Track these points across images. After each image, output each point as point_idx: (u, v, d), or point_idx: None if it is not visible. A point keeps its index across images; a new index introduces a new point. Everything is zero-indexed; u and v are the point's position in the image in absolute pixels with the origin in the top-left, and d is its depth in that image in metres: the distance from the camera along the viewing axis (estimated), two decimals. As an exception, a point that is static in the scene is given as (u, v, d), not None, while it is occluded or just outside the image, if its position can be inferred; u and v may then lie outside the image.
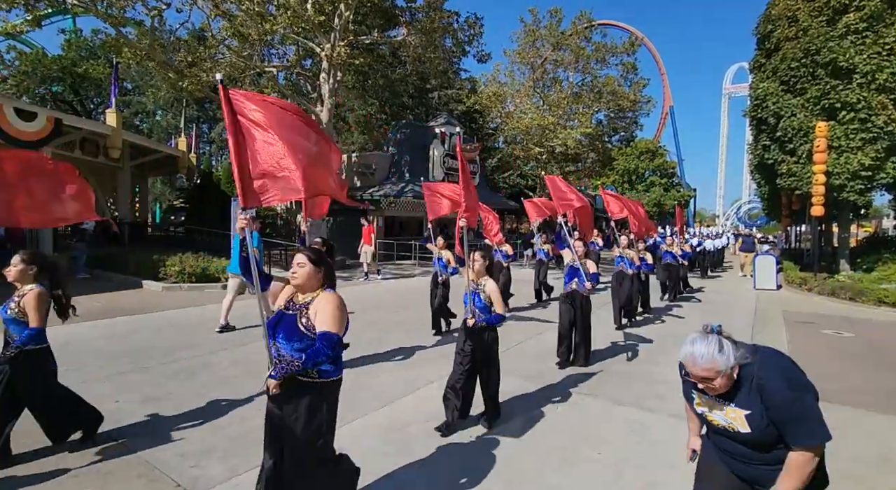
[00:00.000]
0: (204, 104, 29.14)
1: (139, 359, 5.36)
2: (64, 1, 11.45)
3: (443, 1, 16.35)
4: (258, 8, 12.31)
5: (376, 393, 4.55)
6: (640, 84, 25.53)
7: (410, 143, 21.11)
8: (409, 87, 22.84)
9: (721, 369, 1.66)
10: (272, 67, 15.92)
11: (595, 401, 4.51)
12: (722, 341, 1.70)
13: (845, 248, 15.05)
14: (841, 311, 10.01)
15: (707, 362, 1.67)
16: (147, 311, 8.12)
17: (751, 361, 1.72)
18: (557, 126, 22.72)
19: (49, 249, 12.73)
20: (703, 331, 1.77)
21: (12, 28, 12.42)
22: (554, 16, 22.99)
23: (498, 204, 26.26)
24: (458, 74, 27.37)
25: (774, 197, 18.77)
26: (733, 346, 1.70)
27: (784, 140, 13.18)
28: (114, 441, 3.46)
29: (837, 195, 12.55)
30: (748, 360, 1.71)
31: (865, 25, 11.93)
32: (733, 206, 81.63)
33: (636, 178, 47.26)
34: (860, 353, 6.56)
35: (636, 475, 3.19)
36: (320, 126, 14.93)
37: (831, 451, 3.57)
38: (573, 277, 5.58)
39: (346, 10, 13.58)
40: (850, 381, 5.34)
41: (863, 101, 11.82)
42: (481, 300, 3.81)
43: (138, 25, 12.98)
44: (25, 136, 11.05)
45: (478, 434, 3.73)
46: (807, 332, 7.89)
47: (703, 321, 1.92)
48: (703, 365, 1.68)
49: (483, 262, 3.87)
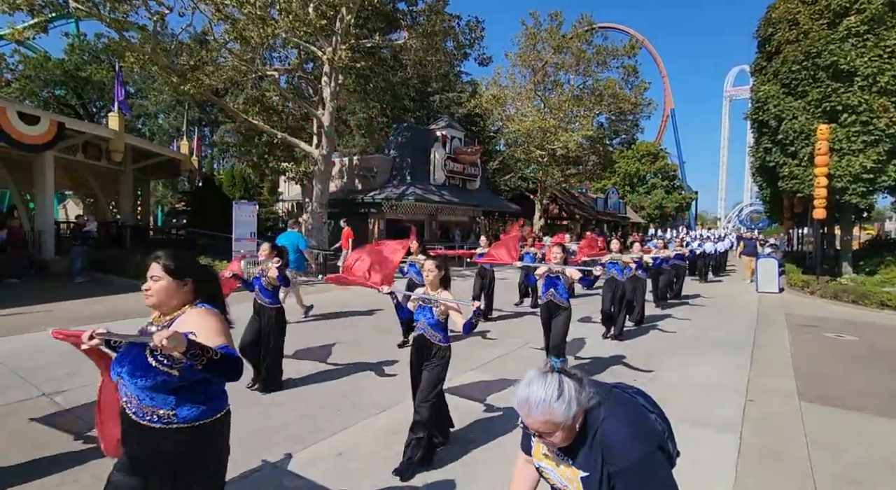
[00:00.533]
0: (206, 107, 29.22)
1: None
2: (67, 5, 11.51)
3: (444, 4, 16.39)
4: (260, 12, 12.35)
5: (375, 397, 4.55)
6: (641, 87, 25.58)
7: (412, 145, 21.15)
8: (411, 91, 22.90)
9: (559, 421, 1.31)
10: (274, 71, 15.97)
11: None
12: (563, 383, 1.33)
13: (848, 250, 15.01)
14: (844, 314, 9.97)
15: (543, 412, 1.31)
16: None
17: (598, 404, 1.37)
18: (558, 129, 22.76)
19: (51, 252, 12.78)
20: (542, 369, 1.38)
21: (20, 34, 12.49)
22: (554, 19, 23.06)
23: (499, 206, 26.30)
24: (460, 77, 27.43)
25: (776, 200, 18.75)
26: (577, 386, 1.34)
27: (785, 143, 13.18)
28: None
29: (839, 198, 12.53)
30: (594, 403, 1.36)
31: (866, 28, 11.93)
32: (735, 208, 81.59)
33: (637, 181, 47.35)
34: (863, 357, 6.53)
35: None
36: (322, 129, 14.99)
37: (834, 454, 3.57)
38: (549, 287, 5.19)
39: (348, 14, 13.63)
40: (853, 384, 5.31)
41: (864, 103, 11.81)
42: (434, 316, 3.38)
43: (141, 29, 13.04)
44: (29, 139, 11.11)
45: (478, 440, 3.72)
46: (809, 335, 7.86)
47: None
48: (537, 415, 1.31)
49: (437, 273, 3.42)
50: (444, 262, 3.53)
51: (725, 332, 7.88)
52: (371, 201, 18.94)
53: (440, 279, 3.44)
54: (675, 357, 6.24)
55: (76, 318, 7.42)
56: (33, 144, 11.31)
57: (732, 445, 3.69)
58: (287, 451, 3.43)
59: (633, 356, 6.22)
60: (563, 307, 5.11)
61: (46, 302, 8.78)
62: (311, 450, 3.48)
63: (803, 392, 4.96)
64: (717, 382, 5.22)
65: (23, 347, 5.87)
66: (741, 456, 3.52)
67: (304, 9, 12.71)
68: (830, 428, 4.09)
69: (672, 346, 6.82)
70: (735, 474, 3.25)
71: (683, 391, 4.90)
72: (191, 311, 1.80)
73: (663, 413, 1.57)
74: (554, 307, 5.14)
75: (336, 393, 4.65)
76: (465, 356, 6.06)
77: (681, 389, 4.96)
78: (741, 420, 4.18)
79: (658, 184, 46.77)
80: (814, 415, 4.35)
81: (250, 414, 4.03)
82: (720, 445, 3.69)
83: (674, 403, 4.53)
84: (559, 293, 5.11)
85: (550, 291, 5.16)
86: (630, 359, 6.09)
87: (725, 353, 6.46)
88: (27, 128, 10.99)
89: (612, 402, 1.40)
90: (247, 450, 3.38)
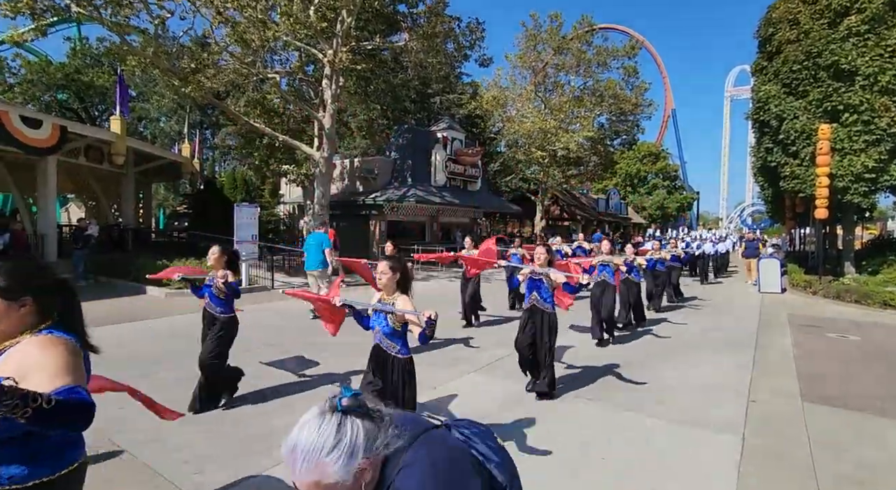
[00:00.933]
0: (207, 110, 29.31)
1: (142, 365, 5.37)
2: (69, 9, 11.56)
3: (444, 6, 16.42)
4: (261, 15, 12.39)
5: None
6: (642, 87, 25.60)
7: (412, 147, 21.17)
8: (411, 92, 22.93)
9: (331, 480, 0.90)
10: (275, 73, 16.01)
11: (596, 407, 4.49)
12: (346, 426, 0.94)
13: (850, 250, 14.98)
14: (846, 314, 9.94)
15: (309, 469, 0.90)
16: (150, 318, 8.15)
17: (403, 448, 0.99)
18: (559, 130, 22.78)
19: (54, 255, 12.81)
20: (322, 408, 0.97)
21: (19, 37, 12.54)
22: (554, 20, 23.09)
23: (500, 208, 26.30)
24: (460, 79, 27.46)
25: (778, 200, 18.72)
26: (369, 429, 0.96)
27: (787, 143, 13.16)
28: (116, 447, 3.46)
29: (841, 197, 12.50)
30: (396, 447, 0.98)
31: (867, 27, 11.93)
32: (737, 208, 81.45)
33: (638, 182, 47.36)
34: (866, 357, 6.51)
35: (641, 482, 3.17)
36: (323, 131, 14.99)
37: (836, 455, 3.56)
38: (533, 290, 4.67)
39: (349, 17, 13.66)
40: (856, 385, 5.30)
41: (865, 103, 11.80)
42: (388, 324, 3.05)
43: (142, 33, 13.09)
44: (35, 142, 11.17)
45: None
46: (812, 335, 7.84)
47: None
48: (303, 474, 0.91)
49: (392, 276, 3.04)
50: (399, 263, 3.13)
51: (727, 332, 7.86)
52: (372, 203, 18.96)
53: (396, 282, 3.05)
54: (677, 358, 6.23)
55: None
56: (39, 148, 11.37)
57: (734, 446, 3.68)
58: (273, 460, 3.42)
59: (633, 358, 6.21)
60: (546, 312, 4.62)
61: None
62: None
63: (806, 392, 4.94)
64: (719, 383, 5.21)
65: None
66: (743, 457, 3.51)
67: (305, 12, 12.75)
68: (833, 428, 4.08)
69: (673, 347, 6.80)
70: (737, 475, 3.24)
71: (685, 392, 4.89)
72: (26, 342, 1.39)
73: (511, 463, 1.19)
74: (537, 312, 4.65)
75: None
76: (468, 358, 6.07)
77: (682, 390, 4.94)
78: (743, 421, 4.17)
79: (659, 184, 46.79)
80: (816, 415, 4.33)
81: (253, 417, 4.03)
82: (722, 446, 3.68)
83: (675, 404, 4.52)
84: (542, 297, 4.64)
85: (534, 295, 4.68)
86: (630, 360, 6.07)
87: (727, 354, 6.44)
88: (31, 131, 11.05)
89: (421, 445, 1.01)
90: (249, 454, 3.38)
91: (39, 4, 11.22)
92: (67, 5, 11.44)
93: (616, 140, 32.92)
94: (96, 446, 3.46)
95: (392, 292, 3.07)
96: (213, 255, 4.25)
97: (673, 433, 3.89)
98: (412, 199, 18.98)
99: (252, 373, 4.86)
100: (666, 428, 4.01)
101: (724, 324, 8.59)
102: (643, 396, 4.75)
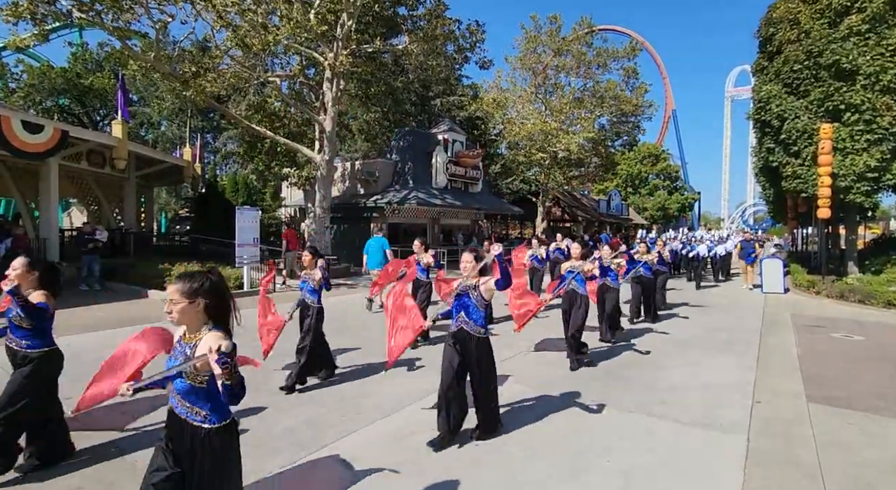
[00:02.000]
0: (208, 114, 29.40)
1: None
2: (70, 14, 11.60)
3: (444, 9, 16.45)
4: (261, 19, 12.44)
5: (379, 402, 4.53)
6: (642, 88, 25.58)
7: (413, 149, 21.18)
8: (412, 95, 22.97)
9: None
10: (276, 77, 16.05)
11: (599, 408, 4.46)
12: None
13: (853, 250, 14.93)
14: (850, 314, 9.90)
15: None
16: (152, 322, 8.12)
17: None
18: (560, 131, 22.79)
19: (56, 260, 12.81)
20: None
21: (21, 42, 12.59)
22: (553, 22, 23.12)
23: (501, 209, 26.29)
24: (460, 81, 27.50)
25: (780, 200, 18.67)
26: None
27: (788, 142, 13.13)
28: (119, 451, 3.45)
29: (843, 197, 12.46)
30: None
31: (868, 27, 11.91)
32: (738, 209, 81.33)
33: (639, 183, 47.31)
34: (871, 357, 6.47)
35: (646, 484, 3.15)
36: (324, 134, 15.00)
37: (843, 456, 3.53)
38: (460, 310, 3.68)
39: (349, 20, 13.70)
40: (861, 384, 5.27)
41: (867, 102, 11.77)
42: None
43: (143, 38, 13.14)
44: (31, 147, 11.15)
45: (483, 443, 3.69)
46: (816, 335, 7.80)
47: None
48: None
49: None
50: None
51: (731, 333, 7.83)
52: (373, 205, 18.95)
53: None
54: (680, 358, 6.20)
55: (78, 325, 7.44)
56: (35, 152, 11.36)
57: (740, 447, 3.65)
58: (291, 457, 3.41)
59: (636, 358, 6.19)
60: (477, 337, 3.63)
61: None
62: (315, 455, 3.47)
63: (811, 393, 4.91)
64: (724, 384, 5.18)
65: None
66: (749, 458, 3.48)
67: (306, 15, 12.79)
68: (839, 429, 4.05)
69: (676, 348, 6.78)
70: (743, 476, 3.22)
71: (689, 393, 4.87)
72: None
73: None
74: (464, 337, 3.63)
75: (340, 396, 4.64)
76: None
77: (687, 391, 4.92)
78: (748, 422, 4.14)
79: (660, 185, 46.72)
80: (822, 416, 4.31)
81: (254, 420, 4.02)
82: (727, 447, 3.65)
83: (679, 405, 4.50)
84: (472, 318, 3.64)
85: (461, 316, 3.66)
86: (633, 361, 6.05)
87: (731, 355, 6.41)
88: (30, 136, 11.04)
89: None
90: (251, 456, 3.36)
91: (41, 10, 11.27)
92: (69, 11, 11.49)
93: (617, 141, 32.92)
94: (100, 449, 3.45)
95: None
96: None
97: (677, 434, 3.87)
98: (413, 201, 18.97)
99: (262, 376, 4.83)
100: (670, 429, 3.98)
101: (728, 324, 8.55)
102: (647, 397, 4.72)
